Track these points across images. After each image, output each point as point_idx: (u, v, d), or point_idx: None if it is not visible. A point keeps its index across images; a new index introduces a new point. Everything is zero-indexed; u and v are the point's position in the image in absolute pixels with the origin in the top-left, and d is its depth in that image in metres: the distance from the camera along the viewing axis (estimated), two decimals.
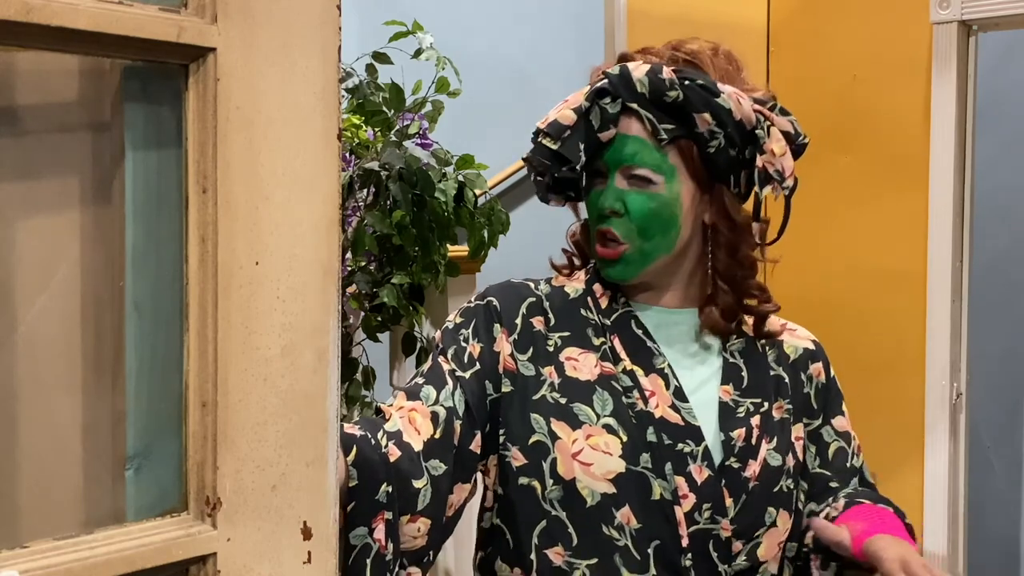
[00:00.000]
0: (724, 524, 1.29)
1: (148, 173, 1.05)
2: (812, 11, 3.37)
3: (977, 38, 3.11)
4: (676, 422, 1.31)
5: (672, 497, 1.28)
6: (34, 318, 1.04)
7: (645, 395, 1.32)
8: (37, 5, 0.89)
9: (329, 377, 1.09)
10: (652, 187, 1.33)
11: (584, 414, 1.30)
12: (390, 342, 2.84)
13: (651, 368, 1.34)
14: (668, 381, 1.33)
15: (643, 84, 1.31)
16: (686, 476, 1.29)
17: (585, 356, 1.35)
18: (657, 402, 1.32)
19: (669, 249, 1.36)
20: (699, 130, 1.32)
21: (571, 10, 5.55)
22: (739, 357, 1.39)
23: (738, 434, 1.32)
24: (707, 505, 1.29)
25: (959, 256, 3.11)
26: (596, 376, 1.33)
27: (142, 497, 1.05)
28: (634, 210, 1.33)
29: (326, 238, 1.08)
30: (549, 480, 1.30)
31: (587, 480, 1.28)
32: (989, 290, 3.75)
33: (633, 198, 1.33)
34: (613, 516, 1.28)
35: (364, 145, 2.60)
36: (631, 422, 1.30)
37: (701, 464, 1.29)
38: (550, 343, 1.36)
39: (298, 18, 1.05)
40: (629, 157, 1.33)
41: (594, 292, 1.40)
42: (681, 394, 1.33)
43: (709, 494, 1.29)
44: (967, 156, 3.12)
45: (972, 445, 3.26)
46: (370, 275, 2.57)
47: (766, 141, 1.35)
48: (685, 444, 1.30)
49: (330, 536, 1.10)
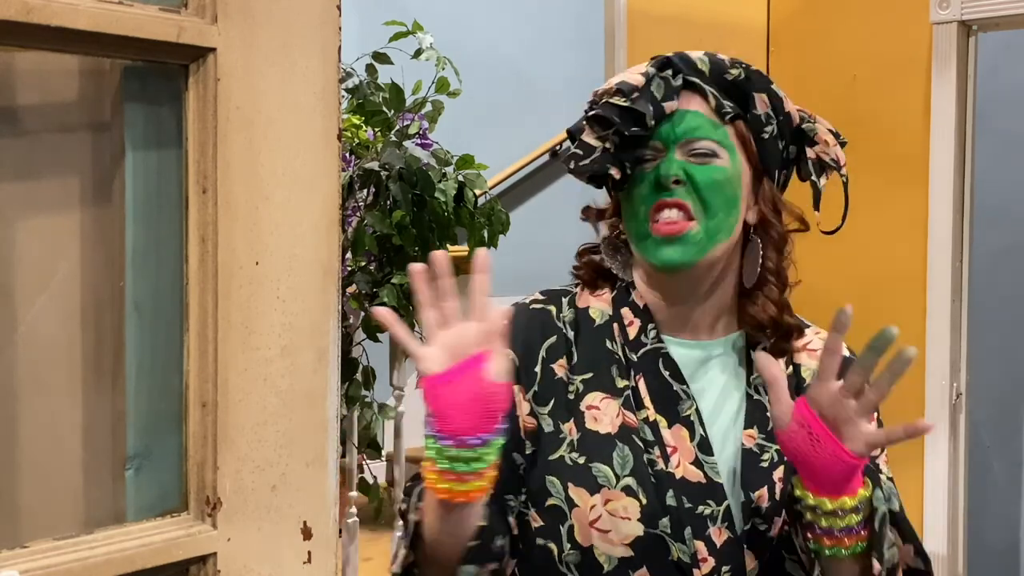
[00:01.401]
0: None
1: (148, 173, 1.05)
2: (812, 11, 3.37)
3: (977, 38, 3.11)
4: (698, 480, 1.23)
5: (691, 560, 1.21)
6: (34, 318, 1.04)
7: (667, 452, 1.23)
8: (37, 5, 0.89)
9: (329, 377, 1.09)
10: (717, 160, 1.25)
11: (603, 475, 1.23)
12: (390, 342, 2.84)
13: (676, 417, 1.24)
14: (693, 431, 1.24)
15: (703, 62, 1.28)
16: (705, 540, 1.22)
17: (608, 404, 1.25)
18: (679, 460, 1.23)
19: (730, 233, 1.26)
20: (757, 112, 1.28)
21: (571, 10, 5.55)
22: (764, 393, 1.27)
23: (759, 495, 1.24)
24: (726, 568, 1.22)
25: (959, 256, 3.11)
26: (617, 428, 1.24)
27: (142, 497, 1.05)
28: (700, 180, 1.23)
29: (326, 238, 1.08)
30: (567, 544, 1.24)
31: (604, 547, 1.22)
32: (989, 290, 3.75)
33: (698, 169, 1.24)
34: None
35: (364, 145, 2.60)
36: (650, 482, 1.22)
37: (721, 526, 1.22)
38: (571, 389, 1.26)
39: (298, 18, 1.05)
40: (691, 131, 1.25)
41: (622, 318, 1.29)
42: (706, 446, 1.24)
43: (729, 556, 1.22)
44: (967, 156, 3.12)
45: (972, 445, 3.26)
46: (370, 275, 2.57)
47: (816, 133, 1.32)
48: (706, 506, 1.22)
49: (330, 536, 1.10)
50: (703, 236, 1.23)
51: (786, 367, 1.30)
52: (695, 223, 1.23)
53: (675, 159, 1.24)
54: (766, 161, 1.30)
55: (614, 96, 1.25)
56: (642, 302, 1.29)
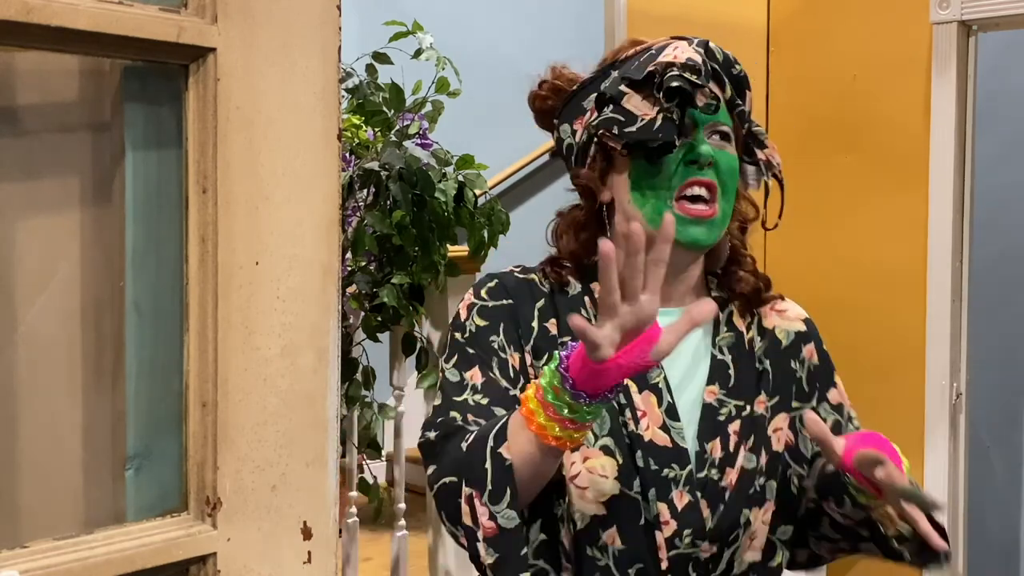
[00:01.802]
0: (704, 547, 1.28)
1: (148, 173, 1.05)
2: (812, 11, 3.37)
3: (977, 38, 3.11)
4: (664, 444, 1.28)
5: (654, 521, 1.26)
6: (34, 318, 1.04)
7: (637, 415, 1.28)
8: (37, 5, 0.89)
9: (329, 377, 1.09)
10: (731, 147, 1.32)
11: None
12: (390, 342, 2.84)
13: (644, 384, 1.30)
14: (661, 398, 1.29)
15: (720, 53, 1.33)
16: (668, 503, 1.27)
17: None
18: (648, 423, 1.28)
19: (730, 218, 1.33)
20: (746, 108, 1.35)
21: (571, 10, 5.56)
22: (727, 353, 1.34)
23: (712, 446, 1.29)
24: (687, 531, 1.27)
25: (959, 256, 3.11)
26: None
27: (142, 497, 1.05)
28: (724, 164, 1.29)
29: (326, 238, 1.08)
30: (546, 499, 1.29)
31: (580, 504, 1.27)
32: (989, 290, 3.75)
33: (722, 155, 1.30)
34: (599, 537, 1.27)
35: (364, 145, 2.60)
36: (624, 442, 1.27)
37: (683, 489, 1.27)
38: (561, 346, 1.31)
39: (298, 18, 1.05)
40: (719, 114, 1.31)
41: (592, 291, 1.33)
42: (673, 412, 1.29)
43: (689, 520, 1.27)
44: (967, 156, 3.12)
45: (972, 445, 3.26)
46: (370, 275, 2.57)
47: (765, 137, 1.38)
48: (671, 469, 1.27)
49: (330, 536, 1.10)
50: (720, 219, 1.30)
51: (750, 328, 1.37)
52: (717, 207, 1.28)
53: (704, 140, 1.28)
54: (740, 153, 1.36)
55: (687, 71, 1.26)
56: None
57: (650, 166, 1.28)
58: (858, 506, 1.25)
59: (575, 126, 1.35)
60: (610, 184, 1.32)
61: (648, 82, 1.28)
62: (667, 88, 1.26)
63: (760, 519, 1.32)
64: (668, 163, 1.27)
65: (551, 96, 1.39)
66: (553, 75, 1.40)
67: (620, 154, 1.29)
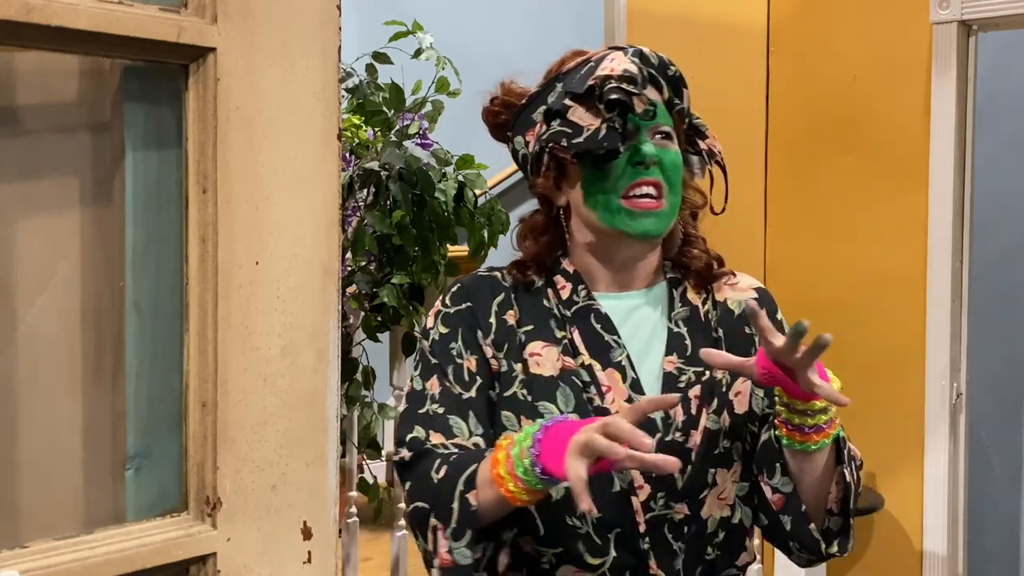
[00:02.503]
0: (679, 507, 1.36)
1: (148, 173, 1.05)
2: (812, 11, 3.37)
3: (977, 38, 3.11)
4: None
5: (629, 488, 1.35)
6: (34, 318, 1.04)
7: (602, 390, 1.37)
8: (37, 5, 0.89)
9: (329, 377, 1.09)
10: (674, 145, 1.41)
11: (548, 412, 1.37)
12: (390, 342, 2.84)
13: (608, 362, 1.39)
14: (625, 374, 1.38)
15: (655, 57, 1.43)
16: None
17: (548, 350, 1.40)
18: (613, 397, 1.37)
19: (678, 211, 1.43)
20: (685, 106, 1.44)
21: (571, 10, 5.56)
22: (683, 326, 1.43)
23: (676, 411, 1.38)
24: (661, 493, 1.35)
25: (959, 257, 3.11)
26: (559, 371, 1.38)
27: (142, 497, 1.05)
28: (668, 163, 1.39)
29: (326, 238, 1.08)
30: None
31: None
32: (989, 290, 3.75)
33: (665, 153, 1.39)
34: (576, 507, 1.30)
35: (364, 145, 2.60)
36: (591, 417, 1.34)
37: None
38: (518, 338, 1.41)
39: (298, 18, 1.05)
40: (659, 116, 1.40)
41: (555, 283, 1.44)
42: (638, 386, 1.38)
43: (663, 482, 1.36)
44: (967, 156, 3.12)
45: (972, 445, 3.26)
46: (370, 275, 2.57)
47: (706, 128, 1.49)
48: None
49: (330, 536, 1.10)
50: (669, 212, 1.40)
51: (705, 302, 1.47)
52: (664, 201, 1.39)
53: (648, 141, 1.39)
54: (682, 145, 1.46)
55: (624, 82, 1.38)
56: (572, 268, 1.44)
57: (599, 171, 1.39)
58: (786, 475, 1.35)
59: (527, 137, 1.46)
60: (564, 190, 1.43)
61: (590, 95, 1.38)
62: (607, 100, 1.36)
63: (730, 479, 1.41)
64: (615, 167, 1.38)
65: (503, 111, 1.51)
66: (503, 91, 1.51)
67: (571, 163, 1.40)
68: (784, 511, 1.37)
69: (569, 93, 1.40)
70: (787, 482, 1.36)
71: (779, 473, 1.36)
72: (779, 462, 1.36)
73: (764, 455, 1.38)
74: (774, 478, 1.37)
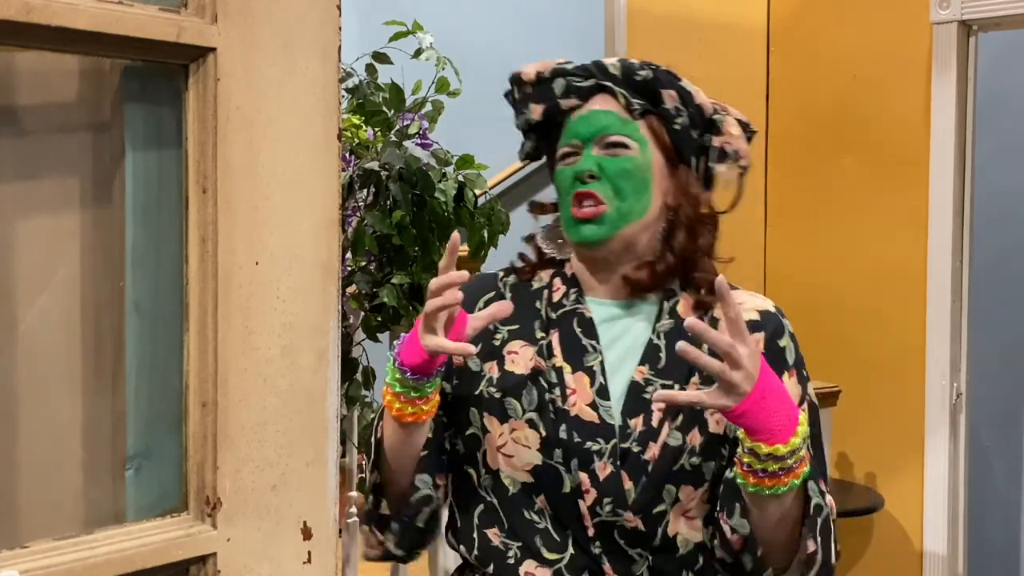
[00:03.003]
0: (628, 516, 1.37)
1: (148, 173, 1.05)
2: (812, 11, 3.37)
3: (977, 38, 3.11)
4: (591, 420, 1.38)
5: (576, 490, 1.37)
6: (34, 318, 1.04)
7: (566, 393, 1.40)
8: (37, 5, 0.89)
9: (329, 377, 1.09)
10: (627, 151, 1.42)
11: (513, 408, 1.41)
12: (390, 342, 2.83)
13: (580, 366, 1.41)
14: (594, 379, 1.40)
15: (615, 67, 1.45)
16: (589, 473, 1.37)
17: (525, 350, 1.44)
18: (576, 400, 1.39)
19: (643, 214, 1.42)
20: (666, 106, 1.44)
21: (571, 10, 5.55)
22: (663, 339, 1.42)
23: (635, 422, 1.38)
24: (608, 500, 1.37)
25: (959, 256, 3.11)
26: (529, 370, 1.42)
27: (142, 497, 1.05)
28: (611, 171, 1.41)
29: (326, 238, 1.08)
30: (482, 469, 1.44)
31: (508, 471, 1.41)
32: (989, 290, 3.75)
33: (609, 161, 1.42)
34: (533, 502, 1.40)
35: (364, 145, 2.60)
36: (550, 417, 1.39)
37: (607, 461, 1.37)
38: (497, 337, 1.45)
39: (298, 18, 1.05)
40: (604, 128, 1.43)
41: (552, 286, 1.48)
42: (604, 392, 1.40)
43: (610, 489, 1.37)
44: (967, 156, 3.12)
45: (972, 445, 3.26)
46: (370, 275, 2.57)
47: (724, 124, 1.47)
48: (595, 442, 1.37)
49: (330, 536, 1.10)
50: (615, 216, 1.41)
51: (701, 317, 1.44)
52: (607, 206, 1.41)
53: (591, 155, 1.43)
54: (680, 150, 1.46)
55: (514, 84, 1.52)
56: (570, 271, 1.48)
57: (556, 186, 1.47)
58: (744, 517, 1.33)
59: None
60: None
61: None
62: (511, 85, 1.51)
63: (699, 498, 1.39)
64: (562, 182, 1.45)
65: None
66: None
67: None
68: (744, 551, 1.35)
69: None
70: (744, 524, 1.33)
71: (738, 514, 1.33)
72: (739, 503, 1.33)
73: (726, 492, 1.36)
74: (732, 517, 1.34)
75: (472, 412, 1.44)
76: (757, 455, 1.25)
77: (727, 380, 1.23)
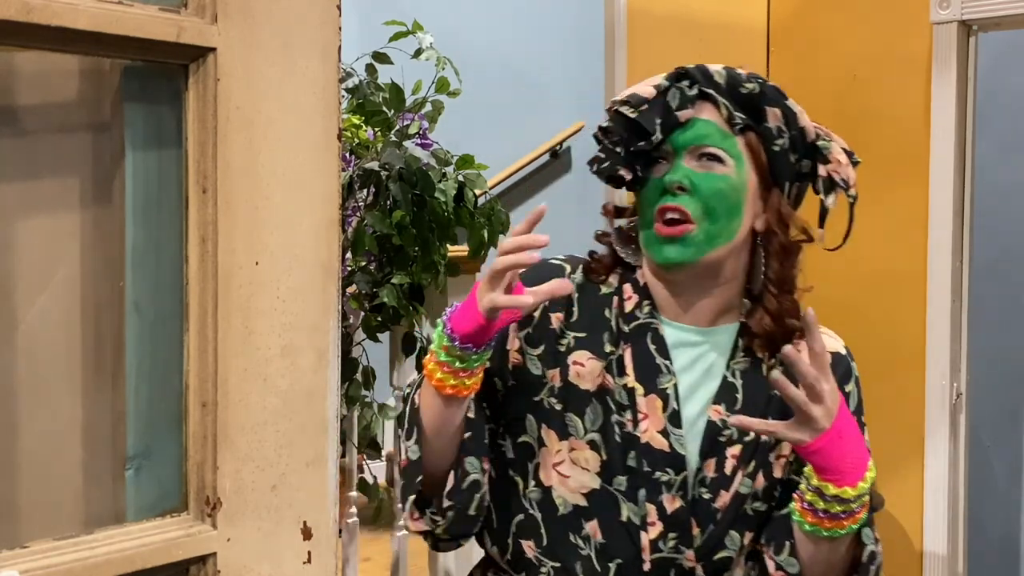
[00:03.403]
0: (688, 555, 1.30)
1: (148, 173, 1.05)
2: (812, 11, 3.37)
3: (977, 38, 3.11)
4: (661, 448, 1.31)
5: (640, 523, 1.30)
6: (34, 318, 1.04)
7: (638, 417, 1.31)
8: (37, 5, 0.89)
9: (329, 377, 1.09)
10: (722, 168, 1.32)
11: (574, 425, 1.33)
12: (390, 342, 2.84)
13: (653, 388, 1.32)
14: (667, 403, 1.32)
15: (720, 75, 1.35)
16: (657, 505, 1.30)
17: (592, 364, 1.34)
18: (648, 426, 1.31)
19: (731, 237, 1.32)
20: (768, 125, 1.34)
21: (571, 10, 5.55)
22: (738, 377, 1.35)
23: (708, 464, 1.32)
24: (673, 535, 1.30)
25: (959, 256, 3.11)
26: (596, 387, 1.33)
27: (142, 497, 1.05)
28: (703, 187, 1.30)
29: (326, 238, 1.08)
30: (531, 481, 1.35)
31: (562, 491, 1.33)
32: (989, 290, 3.75)
33: (702, 176, 1.31)
34: (581, 527, 1.32)
35: (364, 145, 2.60)
36: (615, 441, 1.31)
37: (675, 494, 1.30)
38: (563, 342, 1.35)
39: (298, 18, 1.05)
40: (701, 137, 1.32)
41: (623, 292, 1.37)
42: (677, 419, 1.32)
43: (677, 524, 1.30)
44: (967, 156, 3.12)
45: (972, 445, 3.26)
46: (370, 275, 2.57)
47: (830, 151, 1.37)
48: (664, 472, 1.30)
49: (330, 536, 1.10)
50: (702, 238, 1.30)
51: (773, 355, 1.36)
52: (694, 226, 1.29)
53: (682, 165, 1.31)
54: (776, 173, 1.35)
55: (623, 106, 1.32)
56: (643, 281, 1.37)
57: (639, 194, 1.36)
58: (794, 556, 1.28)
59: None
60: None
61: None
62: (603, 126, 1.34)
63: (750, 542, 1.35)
64: (650, 191, 1.33)
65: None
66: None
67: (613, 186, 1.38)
68: None
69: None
70: (793, 563, 1.29)
71: (787, 552, 1.30)
72: (789, 541, 1.29)
73: (776, 528, 1.32)
74: (780, 555, 1.30)
75: (529, 420, 1.35)
76: (823, 495, 1.22)
77: (807, 414, 1.19)
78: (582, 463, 1.31)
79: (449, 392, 1.25)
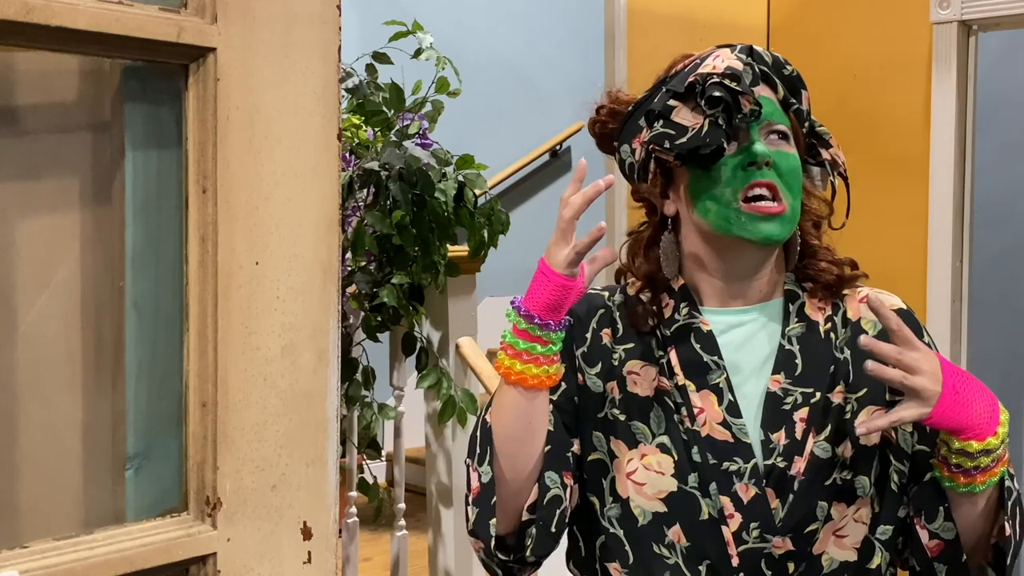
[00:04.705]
0: (776, 542, 1.27)
1: (148, 173, 1.05)
2: (812, 11, 3.37)
3: (977, 38, 3.11)
4: (725, 439, 1.29)
5: (719, 516, 1.28)
6: (34, 318, 1.04)
7: (694, 413, 1.30)
8: (37, 5, 0.89)
9: (329, 377, 1.09)
10: (788, 146, 1.34)
11: (641, 432, 1.32)
12: (390, 342, 2.84)
13: (704, 384, 1.32)
14: (722, 396, 1.31)
15: (768, 55, 1.37)
16: (731, 495, 1.28)
17: (646, 370, 1.34)
18: (706, 419, 1.30)
19: (799, 215, 1.34)
20: (803, 107, 1.38)
21: (571, 10, 5.56)
22: (795, 343, 1.33)
23: (778, 436, 1.29)
24: (755, 524, 1.27)
25: (959, 256, 3.11)
26: (654, 391, 1.33)
27: (142, 497, 1.05)
28: (784, 167, 1.31)
29: (326, 238, 1.08)
30: (608, 498, 1.33)
31: (640, 500, 1.31)
32: (989, 289, 3.75)
33: (781, 156, 1.31)
34: (664, 534, 1.30)
35: (364, 145, 2.60)
36: (681, 440, 1.30)
37: (748, 483, 1.28)
38: (615, 356, 1.36)
39: (298, 18, 1.05)
40: (770, 114, 1.32)
41: (660, 301, 1.37)
42: (735, 409, 1.30)
43: (756, 513, 1.27)
44: (967, 156, 3.12)
45: None
46: (370, 275, 2.57)
47: (830, 137, 1.41)
48: (732, 462, 1.28)
49: (330, 536, 1.10)
50: (791, 215, 1.31)
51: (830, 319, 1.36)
52: (786, 205, 1.30)
53: (760, 141, 1.30)
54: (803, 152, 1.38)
55: (726, 79, 1.29)
56: (677, 285, 1.37)
57: (707, 174, 1.30)
58: (949, 520, 1.26)
59: (633, 145, 1.37)
60: (672, 197, 1.36)
61: (691, 93, 1.30)
62: (709, 97, 1.28)
63: (852, 516, 1.30)
64: (725, 169, 1.29)
65: (610, 120, 1.42)
66: (610, 99, 1.42)
67: (676, 166, 1.32)
68: (940, 559, 1.28)
69: (671, 93, 1.32)
70: (950, 528, 1.26)
71: (941, 518, 1.26)
72: (943, 505, 1.26)
73: (924, 497, 1.29)
74: (934, 522, 1.27)
75: (597, 436, 1.34)
76: (968, 454, 1.20)
77: (910, 387, 1.18)
78: (655, 467, 1.30)
79: (532, 384, 1.24)
